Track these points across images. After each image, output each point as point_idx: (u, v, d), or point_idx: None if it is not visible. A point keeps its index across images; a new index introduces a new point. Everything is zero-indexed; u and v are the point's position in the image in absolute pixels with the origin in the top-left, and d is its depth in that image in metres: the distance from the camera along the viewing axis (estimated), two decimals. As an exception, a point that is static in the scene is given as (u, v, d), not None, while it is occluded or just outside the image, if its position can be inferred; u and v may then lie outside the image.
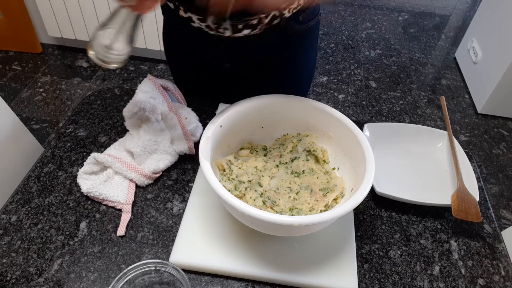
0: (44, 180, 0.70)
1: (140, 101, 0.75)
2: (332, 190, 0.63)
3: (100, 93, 0.87)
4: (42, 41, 2.35)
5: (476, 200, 0.68)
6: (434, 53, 2.57)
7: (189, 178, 0.72)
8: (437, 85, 2.32)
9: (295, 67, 0.86)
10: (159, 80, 0.81)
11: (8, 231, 0.62)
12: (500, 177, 1.83)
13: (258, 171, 0.66)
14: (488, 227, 0.70)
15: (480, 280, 0.62)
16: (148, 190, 0.69)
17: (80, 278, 0.58)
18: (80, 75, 2.18)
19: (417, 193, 0.70)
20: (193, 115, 0.79)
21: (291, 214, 0.61)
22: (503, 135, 2.04)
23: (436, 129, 0.81)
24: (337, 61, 2.43)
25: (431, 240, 0.66)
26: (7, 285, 0.56)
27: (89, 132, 0.78)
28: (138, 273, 0.56)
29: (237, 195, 0.62)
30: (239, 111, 0.66)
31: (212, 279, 0.59)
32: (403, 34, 2.72)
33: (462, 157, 0.75)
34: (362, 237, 0.66)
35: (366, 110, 2.10)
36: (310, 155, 0.69)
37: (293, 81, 0.89)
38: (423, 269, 0.62)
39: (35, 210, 0.65)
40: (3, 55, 2.28)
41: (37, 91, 2.07)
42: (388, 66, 2.42)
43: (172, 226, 0.64)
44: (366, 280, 0.60)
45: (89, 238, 0.62)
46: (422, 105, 2.17)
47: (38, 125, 1.89)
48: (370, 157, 0.59)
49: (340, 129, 0.65)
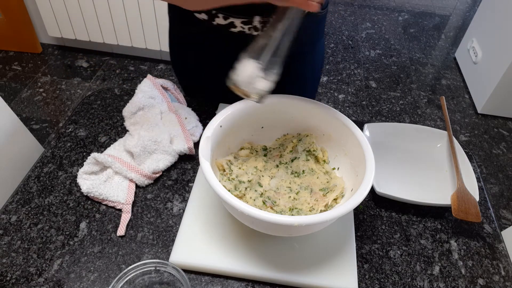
0: (44, 180, 0.70)
1: (139, 101, 0.75)
2: (332, 190, 0.63)
3: (100, 93, 0.87)
4: (42, 41, 2.35)
5: (476, 200, 0.68)
6: (434, 53, 2.57)
7: (189, 178, 0.72)
8: (437, 85, 2.32)
9: (307, 60, 0.86)
10: (159, 80, 0.81)
11: (8, 231, 0.62)
12: (500, 177, 1.83)
13: (258, 171, 0.66)
14: (488, 227, 0.70)
15: (480, 280, 0.62)
16: (148, 190, 0.69)
17: (80, 278, 0.58)
18: (80, 75, 2.18)
19: (417, 193, 0.70)
20: (193, 115, 0.79)
21: (291, 214, 0.61)
22: (503, 135, 2.04)
23: (436, 129, 0.81)
24: (337, 61, 2.43)
25: (431, 240, 0.66)
26: (7, 285, 0.56)
27: (89, 132, 0.78)
28: (138, 273, 0.56)
29: (237, 195, 0.62)
30: (239, 111, 0.66)
31: (212, 279, 0.59)
32: (403, 34, 2.72)
33: (462, 157, 0.75)
34: (362, 237, 0.66)
35: (366, 110, 2.10)
36: (310, 155, 0.69)
37: (302, 77, 0.88)
38: (423, 269, 0.62)
39: (35, 210, 0.65)
40: (3, 55, 2.28)
41: (37, 91, 2.07)
42: (388, 66, 2.42)
43: (172, 226, 0.64)
44: (366, 280, 0.60)
45: (89, 238, 0.62)
46: (422, 105, 2.17)
47: (38, 125, 1.89)
48: (370, 157, 0.59)
49: (340, 129, 0.65)
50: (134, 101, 0.76)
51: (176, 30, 0.86)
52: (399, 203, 0.70)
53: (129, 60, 2.29)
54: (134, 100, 0.76)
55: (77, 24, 2.13)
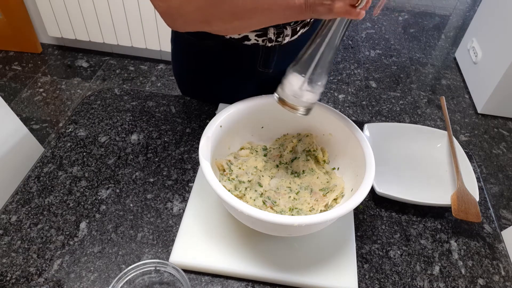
0: (44, 180, 0.70)
1: None
2: (332, 190, 0.63)
3: (100, 93, 0.87)
4: (42, 41, 2.35)
5: (476, 200, 0.68)
6: (434, 53, 2.57)
7: (189, 178, 0.72)
8: (437, 85, 2.32)
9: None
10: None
11: (8, 231, 0.62)
12: (500, 177, 1.82)
13: (258, 171, 0.66)
14: (488, 227, 0.70)
15: (480, 280, 0.62)
16: (148, 190, 0.69)
17: (80, 278, 0.58)
18: (80, 75, 2.18)
19: (417, 193, 0.70)
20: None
21: (291, 214, 0.61)
22: (503, 135, 2.04)
23: (436, 129, 0.81)
24: (337, 61, 2.43)
25: (431, 240, 0.66)
26: (7, 285, 0.56)
27: (89, 132, 0.78)
28: (138, 273, 0.56)
29: (237, 195, 0.62)
30: (239, 111, 0.66)
31: (212, 279, 0.59)
32: (403, 34, 2.72)
33: (462, 157, 0.75)
34: (362, 237, 0.66)
35: (366, 110, 2.10)
36: (310, 155, 0.69)
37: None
38: (423, 269, 0.62)
39: (35, 210, 0.65)
40: (3, 55, 2.28)
41: (37, 91, 2.07)
42: (388, 66, 2.41)
43: (172, 226, 0.64)
44: (366, 280, 0.60)
45: (89, 238, 0.62)
46: (422, 105, 2.17)
47: (38, 125, 1.89)
48: (370, 157, 0.59)
49: (340, 129, 0.65)
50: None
51: (181, 41, 0.84)
52: (399, 203, 0.70)
53: (129, 60, 2.29)
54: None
55: (77, 24, 2.12)
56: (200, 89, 0.90)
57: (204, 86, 0.88)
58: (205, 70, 0.85)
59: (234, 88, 0.86)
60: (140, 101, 0.86)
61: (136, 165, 0.73)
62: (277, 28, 0.71)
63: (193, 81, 0.90)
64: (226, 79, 0.85)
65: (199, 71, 0.86)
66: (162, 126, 0.81)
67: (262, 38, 0.72)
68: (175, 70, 0.93)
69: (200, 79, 0.88)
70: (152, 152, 0.76)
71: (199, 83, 0.88)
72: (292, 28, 0.73)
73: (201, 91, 0.90)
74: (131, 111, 0.84)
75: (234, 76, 0.84)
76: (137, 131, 0.79)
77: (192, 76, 0.88)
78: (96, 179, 0.70)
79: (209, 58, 0.81)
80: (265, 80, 0.84)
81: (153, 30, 2.06)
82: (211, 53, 0.80)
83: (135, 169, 0.73)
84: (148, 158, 0.74)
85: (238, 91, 0.87)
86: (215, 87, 0.87)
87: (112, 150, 0.75)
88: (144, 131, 0.79)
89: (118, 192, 0.69)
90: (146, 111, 0.84)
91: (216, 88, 0.87)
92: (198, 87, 0.90)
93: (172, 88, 2.13)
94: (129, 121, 0.81)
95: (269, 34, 0.72)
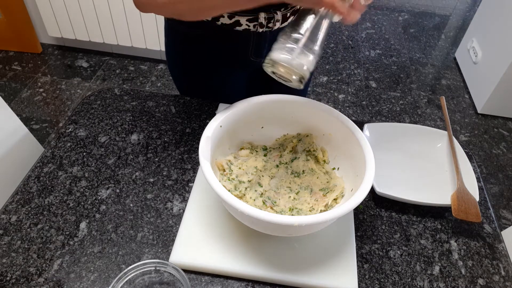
0: (44, 180, 0.70)
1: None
2: (332, 190, 0.63)
3: (100, 93, 0.87)
4: (42, 41, 2.35)
5: (476, 200, 0.68)
6: (434, 53, 2.57)
7: (189, 178, 0.72)
8: (437, 85, 2.32)
9: None
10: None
11: (8, 231, 0.62)
12: (500, 177, 1.82)
13: (258, 171, 0.66)
14: (488, 227, 0.70)
15: (480, 280, 0.62)
16: (148, 190, 0.69)
17: (80, 278, 0.58)
18: (80, 75, 2.18)
19: (417, 193, 0.70)
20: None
21: (291, 214, 0.61)
22: (503, 135, 2.04)
23: (436, 129, 0.81)
24: (337, 61, 2.42)
25: (431, 240, 0.66)
26: (7, 285, 0.56)
27: (89, 132, 0.78)
28: (138, 273, 0.56)
29: (237, 195, 0.62)
30: (239, 111, 0.66)
31: (212, 279, 0.59)
32: (403, 34, 2.72)
33: (462, 157, 0.75)
34: (362, 237, 0.66)
35: (366, 110, 2.10)
36: (310, 155, 0.69)
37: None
38: (423, 269, 0.62)
39: (35, 210, 0.65)
40: (3, 55, 2.28)
41: (37, 91, 2.07)
42: (388, 66, 2.41)
43: (172, 226, 0.64)
44: (366, 280, 0.60)
45: (89, 238, 0.62)
46: (422, 105, 2.17)
47: (38, 125, 1.89)
48: (370, 157, 0.59)
49: (340, 129, 0.65)
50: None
51: (174, 32, 0.85)
52: (399, 203, 0.70)
53: (129, 60, 2.29)
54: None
55: (77, 24, 2.12)
56: (193, 83, 0.90)
57: (197, 78, 0.89)
58: (197, 61, 0.85)
59: (226, 79, 0.87)
60: (140, 101, 0.86)
61: (136, 165, 0.73)
62: (267, 13, 0.72)
63: (186, 74, 0.90)
64: (218, 70, 0.85)
65: (192, 62, 0.86)
66: (162, 126, 0.81)
67: (253, 23, 0.73)
68: (170, 65, 0.94)
69: (193, 71, 0.88)
70: (152, 152, 0.76)
71: (193, 76, 0.89)
72: (283, 14, 0.74)
73: (195, 84, 0.90)
74: (131, 111, 0.84)
75: (226, 66, 0.84)
76: (137, 131, 0.79)
77: (186, 68, 0.89)
78: (96, 179, 0.70)
79: (201, 48, 0.82)
80: (257, 71, 0.85)
81: (153, 30, 2.06)
82: (203, 44, 0.80)
83: (135, 169, 0.73)
84: (148, 158, 0.74)
85: (231, 82, 0.88)
86: (207, 80, 0.88)
87: (112, 150, 0.76)
88: (144, 131, 0.80)
89: (118, 192, 0.69)
90: (146, 111, 0.84)
91: (208, 81, 0.88)
92: (192, 80, 0.90)
93: (172, 88, 2.13)
94: (129, 121, 0.81)
95: (260, 19, 0.72)
